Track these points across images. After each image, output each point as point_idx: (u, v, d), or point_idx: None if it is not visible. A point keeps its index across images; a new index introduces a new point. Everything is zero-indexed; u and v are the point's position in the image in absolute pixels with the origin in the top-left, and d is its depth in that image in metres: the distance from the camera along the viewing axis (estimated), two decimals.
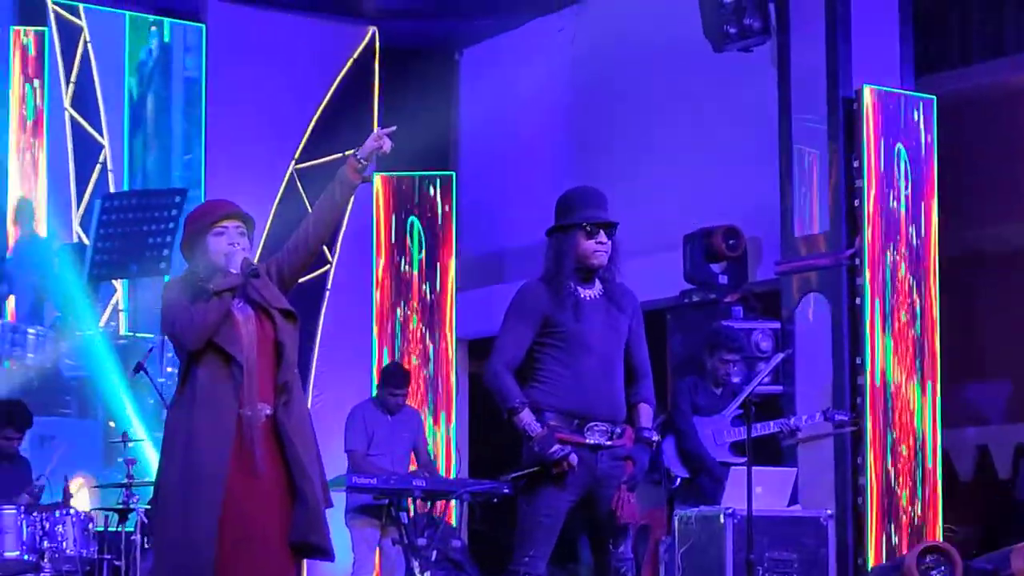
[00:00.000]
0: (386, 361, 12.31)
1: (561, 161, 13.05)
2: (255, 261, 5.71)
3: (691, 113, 11.88)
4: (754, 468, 8.41)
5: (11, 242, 12.11)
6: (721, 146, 11.49)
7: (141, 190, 12.22)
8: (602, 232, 6.31)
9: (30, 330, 11.87)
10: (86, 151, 12.34)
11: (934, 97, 10.63)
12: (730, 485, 8.96)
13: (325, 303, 12.97)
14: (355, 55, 13.32)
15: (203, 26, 12.71)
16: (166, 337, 5.91)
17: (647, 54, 12.34)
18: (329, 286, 12.99)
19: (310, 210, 6.09)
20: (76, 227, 12.18)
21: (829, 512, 9.15)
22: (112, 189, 12.21)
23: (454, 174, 13.10)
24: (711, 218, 11.10)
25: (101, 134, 12.37)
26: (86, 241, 11.89)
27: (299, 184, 12.82)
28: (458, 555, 10.11)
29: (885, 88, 10.51)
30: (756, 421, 8.75)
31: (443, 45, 13.96)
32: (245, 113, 12.69)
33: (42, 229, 12.14)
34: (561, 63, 13.23)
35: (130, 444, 10.03)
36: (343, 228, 12.90)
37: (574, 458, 6.17)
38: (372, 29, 13.38)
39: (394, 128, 5.89)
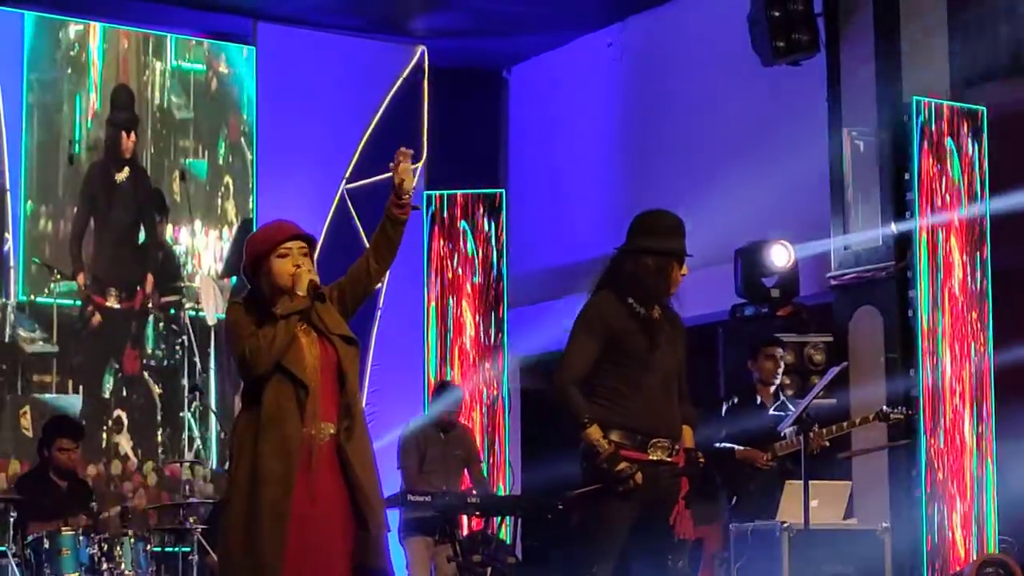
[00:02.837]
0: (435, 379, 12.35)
1: (611, 177, 13.05)
2: (319, 283, 5.71)
3: (740, 127, 11.86)
4: (810, 481, 8.39)
5: None
6: (771, 159, 11.46)
7: None
8: (685, 265, 6.40)
9: None
10: None
11: (984, 108, 10.59)
12: (786, 498, 8.94)
13: (377, 321, 13.01)
14: (404, 74, 13.38)
15: (253, 48, 12.80)
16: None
17: (695, 68, 12.35)
18: (381, 304, 13.03)
19: (361, 230, 6.10)
20: None
21: (885, 525, 9.11)
22: None
23: (503, 191, 13.12)
24: (762, 232, 11.08)
25: None
26: None
27: (350, 204, 12.87)
28: (512, 572, 10.10)
29: (935, 100, 10.48)
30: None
31: (491, 63, 14.01)
32: (295, 134, 12.75)
33: None
34: (609, 79, 13.25)
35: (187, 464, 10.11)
36: None
37: (639, 476, 6.19)
38: (421, 48, 13.44)
39: (411, 151, 5.84)
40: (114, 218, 12.17)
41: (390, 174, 5.77)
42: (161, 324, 12.14)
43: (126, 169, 12.28)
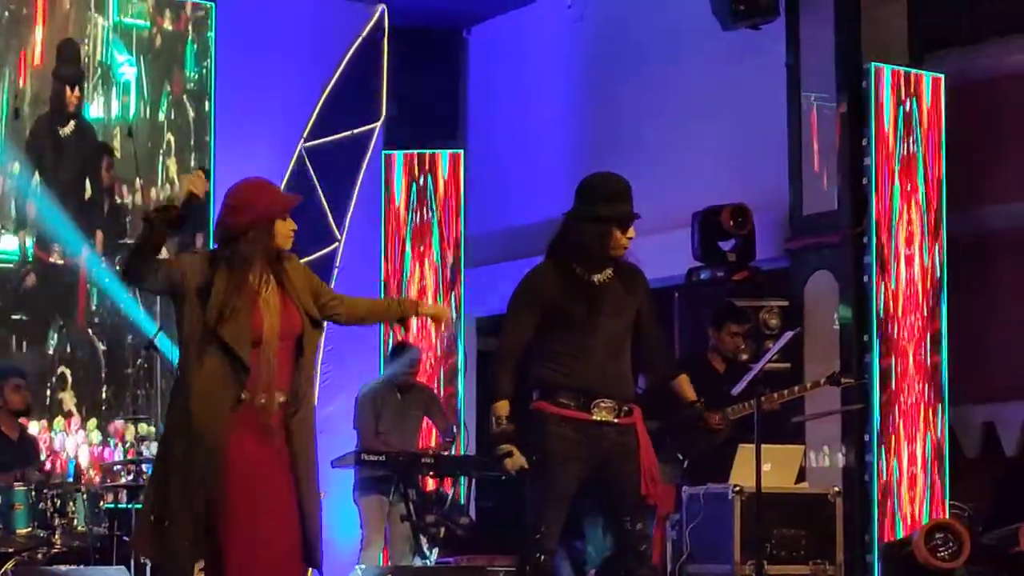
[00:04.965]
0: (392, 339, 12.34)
1: (570, 138, 13.05)
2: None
3: (699, 90, 11.87)
4: (763, 445, 8.42)
5: None
6: (730, 124, 11.49)
7: None
8: (632, 228, 6.34)
9: None
10: None
11: (943, 75, 10.62)
12: (738, 462, 8.97)
13: (334, 280, 12.98)
14: (364, 33, 13.31)
15: (213, 4, 12.71)
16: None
17: (655, 31, 12.34)
18: (338, 263, 13.00)
19: (319, 188, 6.08)
20: None
21: (837, 489, 9.16)
22: None
23: (463, 151, 13.10)
24: (720, 196, 11.10)
25: None
26: None
27: (308, 162, 12.82)
28: (466, 532, 10.14)
29: (894, 66, 10.50)
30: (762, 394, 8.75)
31: (451, 23, 13.97)
32: (254, 91, 12.68)
33: None
34: (569, 40, 13.23)
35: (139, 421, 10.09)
36: (352, 205, 12.92)
37: (519, 462, 6.26)
38: (381, 7, 13.38)
39: None
40: (61, 174, 11.91)
41: (348, 132, 5.80)
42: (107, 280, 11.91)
43: (72, 123, 12.11)
